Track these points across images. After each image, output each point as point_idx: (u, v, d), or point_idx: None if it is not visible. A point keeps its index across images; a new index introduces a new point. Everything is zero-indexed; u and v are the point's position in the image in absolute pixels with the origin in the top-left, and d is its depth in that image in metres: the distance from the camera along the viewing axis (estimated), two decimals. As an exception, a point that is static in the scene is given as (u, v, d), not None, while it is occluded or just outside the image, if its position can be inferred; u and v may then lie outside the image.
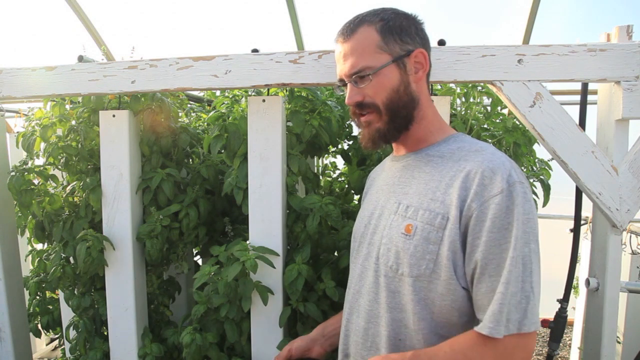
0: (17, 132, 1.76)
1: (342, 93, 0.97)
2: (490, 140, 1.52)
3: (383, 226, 0.89)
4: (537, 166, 1.63)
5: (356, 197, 1.83)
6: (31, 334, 1.85)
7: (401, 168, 0.93)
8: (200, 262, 2.03)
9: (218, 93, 1.78)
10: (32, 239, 1.78)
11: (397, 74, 0.86)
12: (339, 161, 1.93)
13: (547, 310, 1.63)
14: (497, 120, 1.56)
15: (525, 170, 1.63)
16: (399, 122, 0.88)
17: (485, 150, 0.83)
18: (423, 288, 0.80)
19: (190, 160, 1.82)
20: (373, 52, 0.85)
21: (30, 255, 1.88)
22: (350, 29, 0.87)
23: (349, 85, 0.89)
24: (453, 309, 0.80)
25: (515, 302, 0.73)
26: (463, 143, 0.88)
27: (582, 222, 1.60)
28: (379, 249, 0.88)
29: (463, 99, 1.56)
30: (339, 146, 1.77)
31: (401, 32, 0.87)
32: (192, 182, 1.66)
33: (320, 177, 1.89)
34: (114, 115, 1.49)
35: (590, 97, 1.36)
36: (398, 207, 0.87)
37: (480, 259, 0.76)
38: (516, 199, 0.75)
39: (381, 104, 0.86)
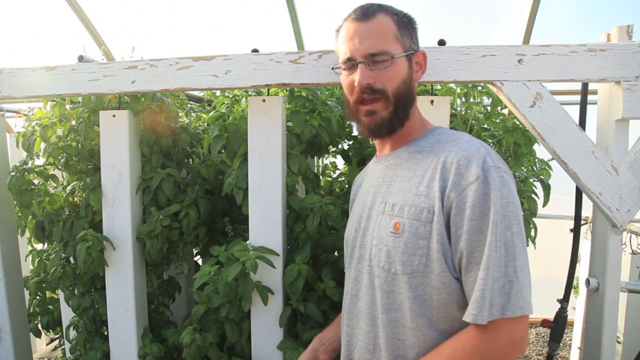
0: (17, 132, 1.76)
1: (345, 73, 0.90)
2: (490, 140, 1.52)
3: (372, 227, 0.89)
4: (537, 166, 1.63)
5: (356, 197, 1.83)
6: (31, 334, 1.85)
7: (384, 168, 0.94)
8: (200, 262, 2.03)
9: (218, 93, 1.78)
10: (32, 239, 1.78)
11: (407, 67, 0.88)
12: (339, 161, 1.93)
13: (547, 310, 1.63)
14: (497, 120, 1.56)
15: (525, 170, 1.63)
16: (402, 113, 0.89)
17: (460, 139, 0.84)
18: (419, 284, 0.80)
19: (190, 160, 1.82)
20: (392, 39, 0.85)
21: (30, 255, 1.88)
22: (369, 12, 0.86)
23: (360, 66, 0.85)
24: (451, 301, 0.79)
25: (499, 287, 0.73)
26: (441, 135, 0.89)
27: (582, 222, 1.60)
28: (371, 250, 0.88)
29: (463, 99, 1.56)
30: (339, 146, 1.77)
31: (410, 30, 0.89)
32: (192, 182, 1.66)
33: (320, 177, 1.89)
34: (114, 115, 1.49)
35: (590, 97, 1.36)
36: (385, 206, 0.88)
37: (465, 247, 0.76)
38: (492, 184, 0.75)
39: (391, 92, 0.86)
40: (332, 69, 0.95)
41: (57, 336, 2.65)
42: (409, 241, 0.80)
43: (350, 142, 1.73)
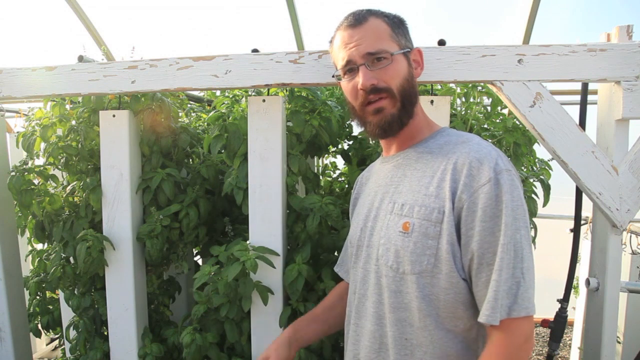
0: (17, 132, 1.76)
1: (346, 79, 0.90)
2: (490, 140, 1.52)
3: (380, 227, 0.90)
4: (537, 166, 1.63)
5: (356, 197, 1.83)
6: (31, 334, 1.85)
7: (392, 168, 0.94)
8: (200, 262, 2.03)
9: (218, 93, 1.78)
10: (32, 239, 1.78)
11: (406, 64, 0.89)
12: (339, 161, 1.93)
13: (547, 310, 1.63)
14: (497, 120, 1.56)
15: (525, 170, 1.63)
16: (409, 109, 0.89)
17: (471, 141, 0.85)
18: (427, 284, 0.81)
19: (190, 160, 1.82)
20: (388, 38, 0.87)
21: (30, 255, 1.88)
22: (361, 17, 0.87)
23: (361, 68, 0.85)
24: (457, 301, 0.80)
25: (507, 288, 0.75)
26: (450, 137, 0.90)
27: (582, 222, 1.60)
28: (378, 250, 0.88)
29: (463, 99, 1.56)
30: (339, 146, 1.77)
31: (403, 29, 0.91)
32: (192, 182, 1.66)
33: (320, 177, 1.89)
34: (114, 115, 1.49)
35: (590, 97, 1.36)
36: (393, 206, 0.88)
37: (477, 249, 0.77)
38: (504, 187, 0.77)
39: (395, 88, 0.86)
40: (333, 76, 0.95)
41: (57, 336, 2.65)
42: (418, 241, 0.81)
43: (350, 142, 1.73)
